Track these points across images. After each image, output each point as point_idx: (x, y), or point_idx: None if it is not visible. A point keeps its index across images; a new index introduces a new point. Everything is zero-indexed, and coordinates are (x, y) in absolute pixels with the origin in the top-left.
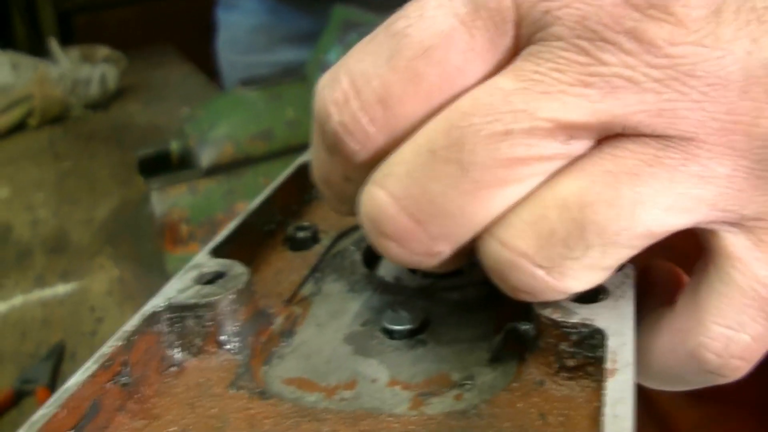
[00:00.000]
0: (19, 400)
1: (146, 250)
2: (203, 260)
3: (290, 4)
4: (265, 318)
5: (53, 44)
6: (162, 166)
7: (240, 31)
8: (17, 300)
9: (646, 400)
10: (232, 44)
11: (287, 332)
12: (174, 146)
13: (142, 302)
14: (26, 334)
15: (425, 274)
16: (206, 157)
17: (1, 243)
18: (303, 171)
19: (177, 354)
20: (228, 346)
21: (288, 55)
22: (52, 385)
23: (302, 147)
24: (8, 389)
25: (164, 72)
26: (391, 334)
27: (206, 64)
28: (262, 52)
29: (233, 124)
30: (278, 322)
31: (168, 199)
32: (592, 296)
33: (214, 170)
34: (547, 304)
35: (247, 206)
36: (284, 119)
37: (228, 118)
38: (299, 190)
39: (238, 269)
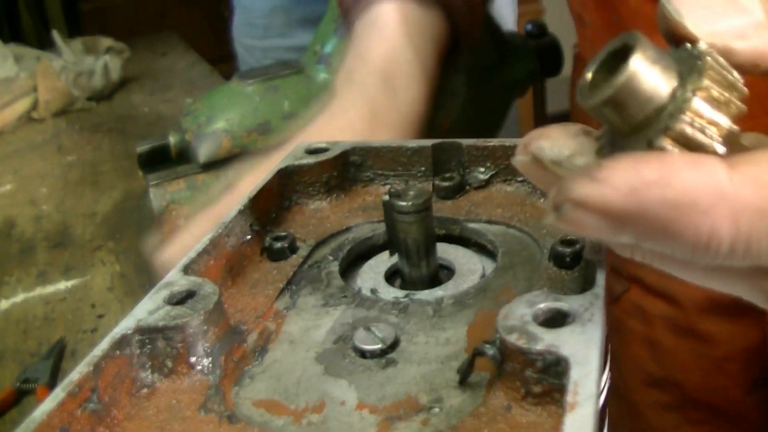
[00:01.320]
0: (20, 399)
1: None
2: (175, 278)
3: None
4: (237, 335)
5: (56, 36)
6: (162, 159)
7: (256, 15)
8: (19, 297)
9: (627, 403)
10: (249, 28)
11: (260, 350)
12: (172, 140)
13: (142, 298)
14: (28, 331)
15: (402, 285)
16: (203, 151)
17: (4, 238)
18: (282, 176)
19: (148, 376)
20: (199, 367)
21: (304, 38)
22: (53, 384)
23: None
24: (9, 388)
25: (168, 61)
26: (362, 353)
27: (213, 50)
28: (278, 36)
29: (230, 117)
30: (251, 339)
31: (166, 195)
32: (559, 320)
33: (212, 165)
34: (513, 329)
35: (223, 219)
36: (281, 112)
37: (224, 112)
38: (278, 196)
39: (208, 288)
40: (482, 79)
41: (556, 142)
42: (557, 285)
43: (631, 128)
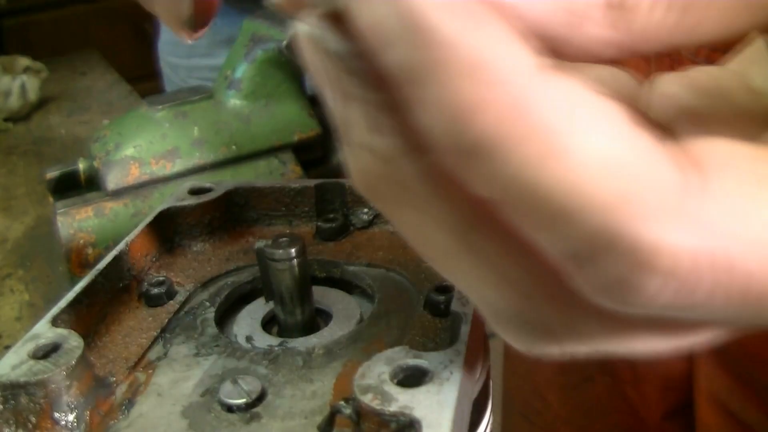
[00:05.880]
0: None
1: (57, 273)
2: (42, 330)
3: (231, 6)
4: (105, 388)
5: None
6: (72, 185)
7: None
8: None
9: (618, 390)
10: (174, 47)
11: (127, 403)
12: (82, 166)
13: None
14: None
15: (279, 331)
16: (112, 178)
17: None
18: (163, 218)
19: None
20: (63, 422)
21: None
22: None
23: (208, 166)
24: None
25: (88, 81)
26: (227, 407)
27: (137, 68)
28: (204, 55)
29: (138, 144)
30: (120, 391)
31: (73, 223)
32: (418, 378)
33: (120, 192)
34: (368, 388)
35: (98, 264)
36: (190, 138)
37: (133, 139)
38: (160, 238)
39: (73, 342)
40: None
41: None
42: (429, 334)
43: None
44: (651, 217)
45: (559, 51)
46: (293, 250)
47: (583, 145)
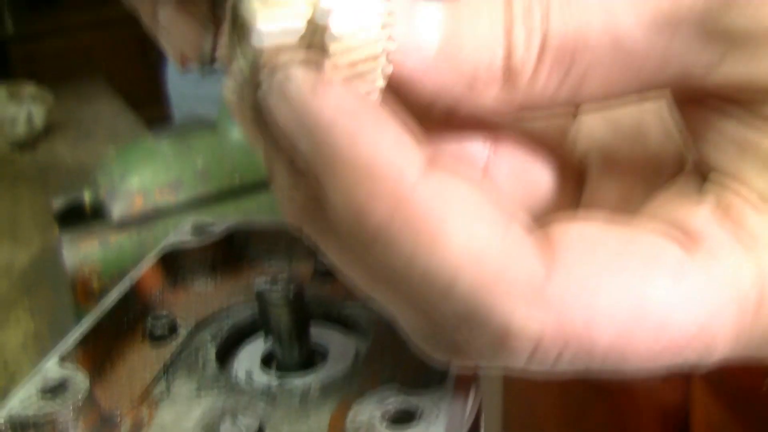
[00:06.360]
0: None
1: (63, 302)
2: (50, 366)
3: None
4: (110, 424)
5: None
6: (78, 214)
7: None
8: None
9: (616, 421)
10: (183, 75)
11: None
12: (87, 197)
13: None
14: None
15: (278, 367)
16: (117, 209)
17: None
18: (166, 257)
19: None
20: None
21: None
22: None
23: (211, 197)
24: None
25: (93, 108)
26: None
27: (145, 95)
28: (211, 84)
29: (142, 175)
30: (124, 427)
31: (79, 253)
32: (408, 417)
33: (125, 222)
34: (359, 428)
35: (103, 302)
36: (194, 169)
37: (137, 170)
38: (163, 276)
39: (79, 379)
40: None
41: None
42: (421, 372)
43: None
44: (507, 299)
45: (461, 112)
46: (290, 291)
47: (453, 238)
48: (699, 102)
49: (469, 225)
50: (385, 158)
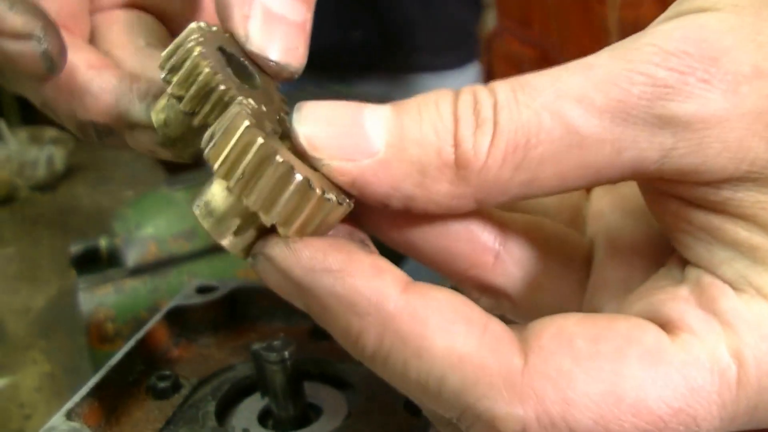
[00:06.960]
0: None
1: (78, 344)
2: (57, 423)
3: (313, 77)
4: None
5: (2, 125)
6: (94, 259)
7: None
8: None
9: None
10: None
11: None
12: (104, 243)
13: (69, 399)
14: None
15: (274, 424)
16: (131, 256)
17: None
18: (171, 316)
19: None
20: None
21: None
22: None
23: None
24: None
25: (113, 151)
26: None
27: None
28: None
29: (157, 223)
30: None
31: (94, 299)
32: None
33: (139, 269)
34: None
35: (110, 360)
36: None
37: (152, 218)
38: (167, 335)
39: None
40: None
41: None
42: (410, 428)
43: None
44: (489, 393)
45: (418, 207)
46: (286, 353)
47: (436, 343)
48: (663, 193)
49: (447, 330)
50: (364, 290)
